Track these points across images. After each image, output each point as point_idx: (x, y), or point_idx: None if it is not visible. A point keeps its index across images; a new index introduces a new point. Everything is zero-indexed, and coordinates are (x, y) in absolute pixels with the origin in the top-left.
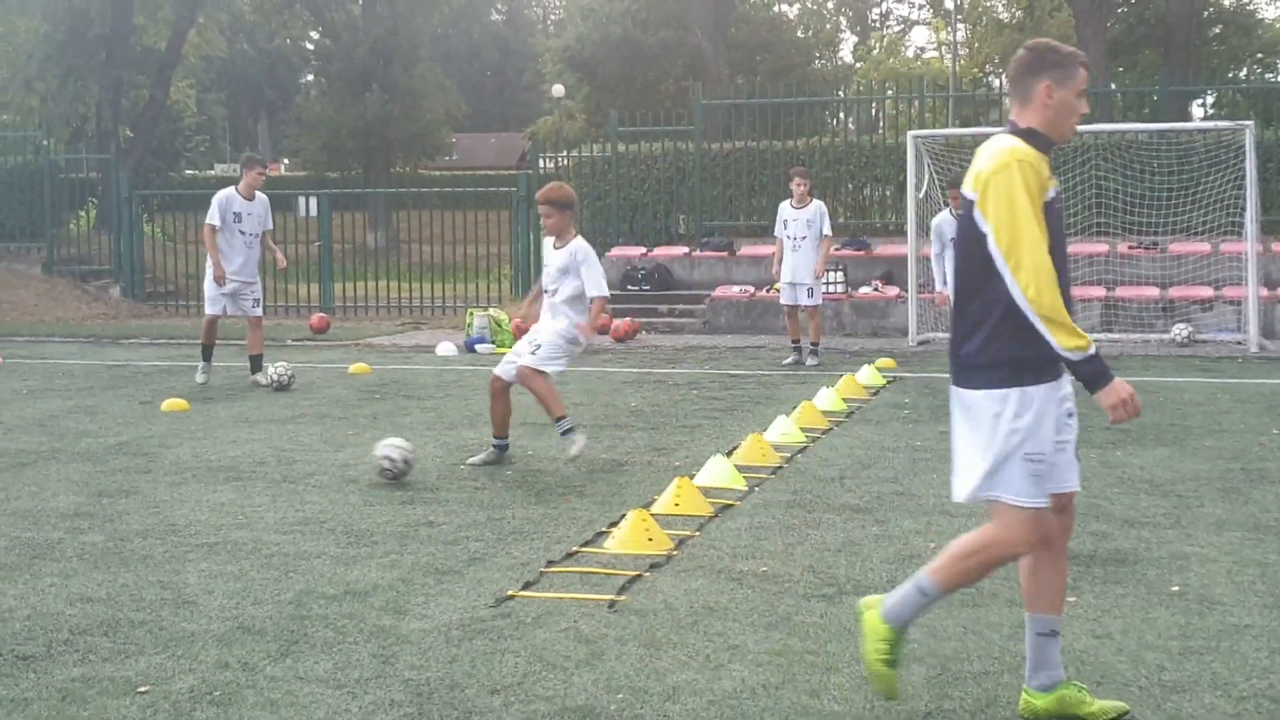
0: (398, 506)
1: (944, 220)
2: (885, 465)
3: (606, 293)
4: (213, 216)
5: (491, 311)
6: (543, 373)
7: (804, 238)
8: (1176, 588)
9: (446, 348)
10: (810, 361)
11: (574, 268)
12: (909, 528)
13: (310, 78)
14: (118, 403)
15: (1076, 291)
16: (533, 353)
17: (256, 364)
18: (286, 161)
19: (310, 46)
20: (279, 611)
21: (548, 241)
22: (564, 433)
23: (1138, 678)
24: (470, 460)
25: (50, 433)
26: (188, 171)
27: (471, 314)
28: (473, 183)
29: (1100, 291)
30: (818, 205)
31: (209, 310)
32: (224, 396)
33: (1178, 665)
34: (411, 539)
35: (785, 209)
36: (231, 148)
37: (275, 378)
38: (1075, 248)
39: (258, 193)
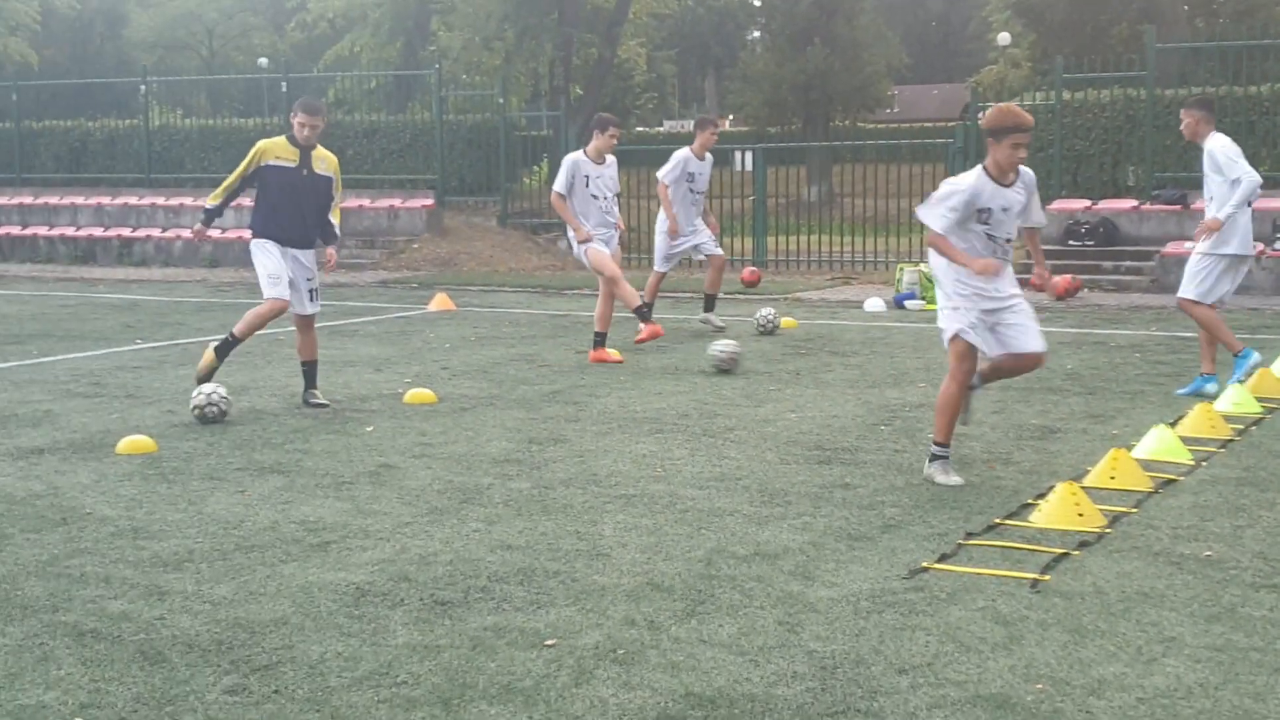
0: (814, 466)
1: None
2: None
3: None
4: (667, 175)
5: (922, 267)
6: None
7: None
8: None
9: (875, 303)
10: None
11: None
12: None
13: (756, 34)
14: (556, 351)
15: None
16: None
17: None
18: (731, 117)
19: (757, 3)
20: (688, 569)
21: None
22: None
23: None
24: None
25: (491, 379)
26: (638, 128)
27: (901, 269)
28: (912, 135)
29: None
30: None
31: (665, 268)
32: (653, 348)
33: None
34: (825, 501)
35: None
36: (680, 105)
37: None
38: None
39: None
